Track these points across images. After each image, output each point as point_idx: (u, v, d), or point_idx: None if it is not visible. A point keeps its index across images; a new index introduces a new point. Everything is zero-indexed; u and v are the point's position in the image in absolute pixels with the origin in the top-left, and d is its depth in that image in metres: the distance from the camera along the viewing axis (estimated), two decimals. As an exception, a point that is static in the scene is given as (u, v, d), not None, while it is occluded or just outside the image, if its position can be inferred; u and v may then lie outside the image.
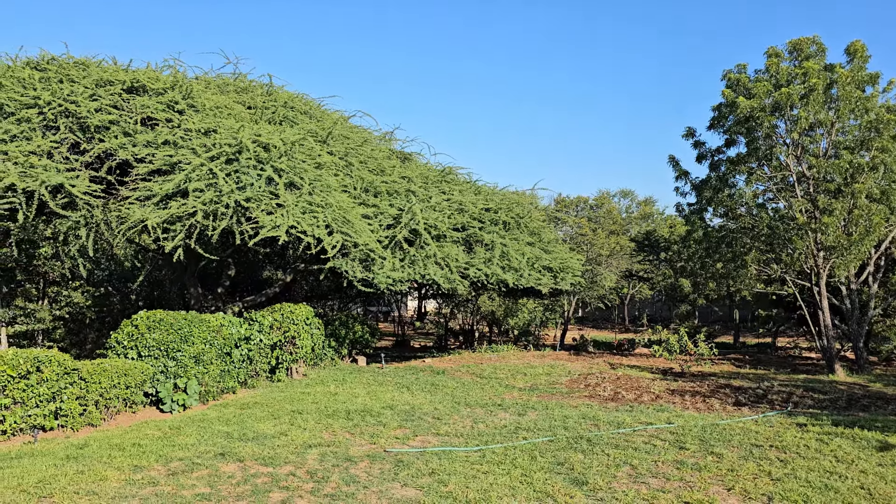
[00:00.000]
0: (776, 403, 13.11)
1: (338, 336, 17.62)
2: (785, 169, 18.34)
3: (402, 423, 10.61)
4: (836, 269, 18.02)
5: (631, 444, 9.34)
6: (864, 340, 19.75)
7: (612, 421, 10.89)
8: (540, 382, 15.73)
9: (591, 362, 20.06)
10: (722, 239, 19.60)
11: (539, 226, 20.64)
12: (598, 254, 30.09)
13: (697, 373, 17.84)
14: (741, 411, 12.22)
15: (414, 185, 18.12)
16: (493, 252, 17.44)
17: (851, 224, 17.05)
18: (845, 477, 7.89)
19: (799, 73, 17.40)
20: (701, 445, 9.31)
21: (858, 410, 12.56)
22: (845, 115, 17.28)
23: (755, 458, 8.71)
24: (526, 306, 27.54)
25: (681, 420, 11.05)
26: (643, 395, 13.78)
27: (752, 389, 14.67)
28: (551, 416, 11.23)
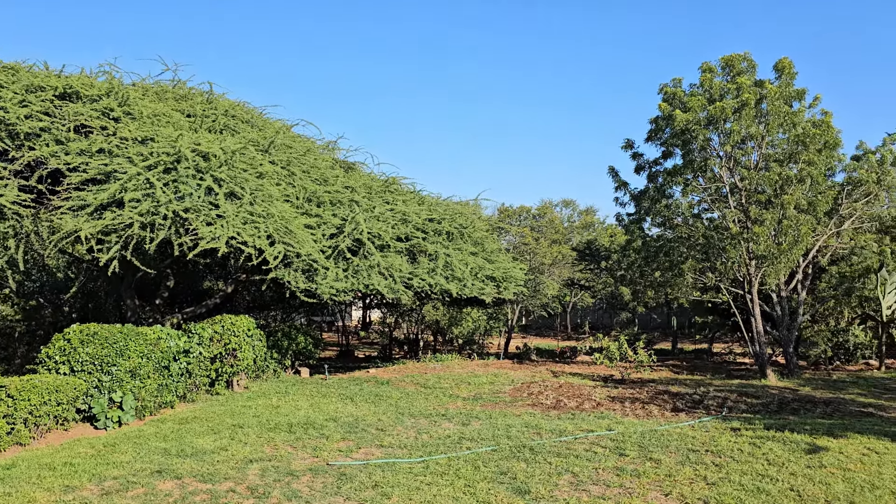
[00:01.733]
0: (712, 408, 13.49)
1: (280, 347, 17.38)
2: (719, 180, 18.95)
3: (346, 435, 10.53)
4: (767, 277, 18.68)
5: (572, 451, 9.48)
6: (793, 345, 20.51)
7: (555, 429, 11.03)
8: (484, 391, 15.82)
9: (534, 370, 20.27)
10: (660, 248, 20.10)
11: (482, 236, 20.79)
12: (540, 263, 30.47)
13: (637, 379, 18.23)
14: (679, 417, 12.53)
15: (358, 194, 18.05)
16: (436, 262, 17.49)
17: (781, 234, 17.71)
18: (776, 479, 8.18)
19: (732, 88, 18.03)
20: (640, 452, 9.51)
21: (789, 414, 13.04)
22: (774, 129, 17.98)
23: (692, 462, 8.95)
24: (470, 315, 27.68)
25: (621, 427, 11.27)
26: (585, 403, 14.00)
27: (690, 395, 15.07)
28: (495, 425, 11.32)
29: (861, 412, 13.24)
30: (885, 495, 7.69)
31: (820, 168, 17.77)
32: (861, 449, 9.71)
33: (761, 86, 17.78)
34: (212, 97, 18.43)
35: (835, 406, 13.90)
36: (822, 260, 21.64)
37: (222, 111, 17.62)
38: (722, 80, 18.56)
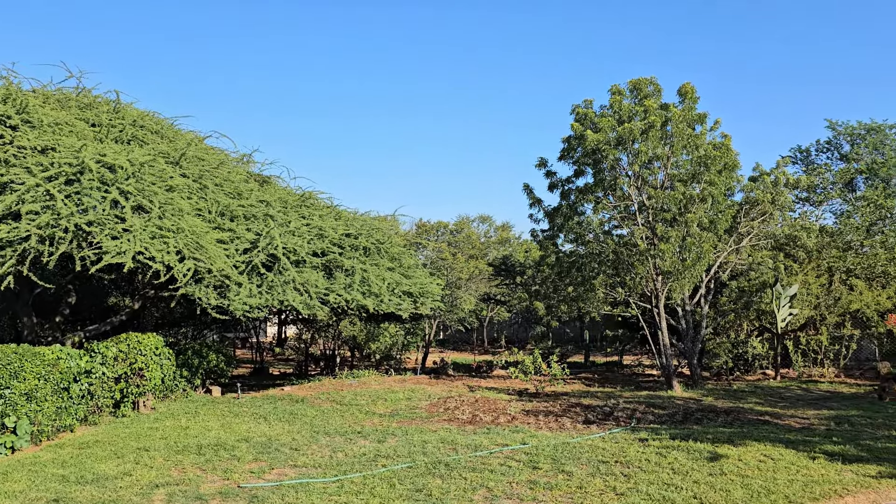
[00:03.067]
0: (621, 420, 13.91)
1: (191, 366, 16.82)
2: (628, 199, 19.66)
3: (258, 455, 10.28)
4: (672, 292, 19.48)
5: (487, 466, 9.58)
6: (698, 357, 21.43)
7: (470, 444, 11.12)
8: (401, 407, 15.78)
9: (451, 385, 20.38)
10: (573, 264, 20.64)
11: (400, 251, 20.82)
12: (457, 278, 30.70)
13: (551, 393, 18.59)
14: (590, 429, 12.86)
15: (273, 209, 17.76)
16: (353, 278, 17.38)
17: (685, 250, 18.52)
18: (681, 488, 8.50)
19: (639, 111, 18.79)
20: (553, 464, 9.70)
21: (693, 424, 13.59)
22: (679, 151, 18.84)
23: (602, 474, 9.20)
24: (388, 330, 27.58)
25: (535, 440, 11.47)
26: (500, 417, 14.17)
27: (601, 407, 15.49)
28: (411, 441, 11.30)
29: (759, 420, 13.95)
30: (779, 499, 8.12)
31: (720, 188, 18.72)
32: (758, 456, 10.22)
33: (667, 109, 18.62)
34: (119, 106, 17.77)
35: (735, 415, 14.59)
36: (723, 275, 22.72)
37: (130, 121, 17.03)
38: (630, 102, 19.32)
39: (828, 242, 24.17)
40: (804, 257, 23.49)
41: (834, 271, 23.84)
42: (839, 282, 23.68)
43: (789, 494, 8.29)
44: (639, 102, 19.05)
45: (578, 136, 19.02)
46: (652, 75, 19.41)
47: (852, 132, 38.58)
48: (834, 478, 9.04)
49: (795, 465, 9.70)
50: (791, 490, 8.46)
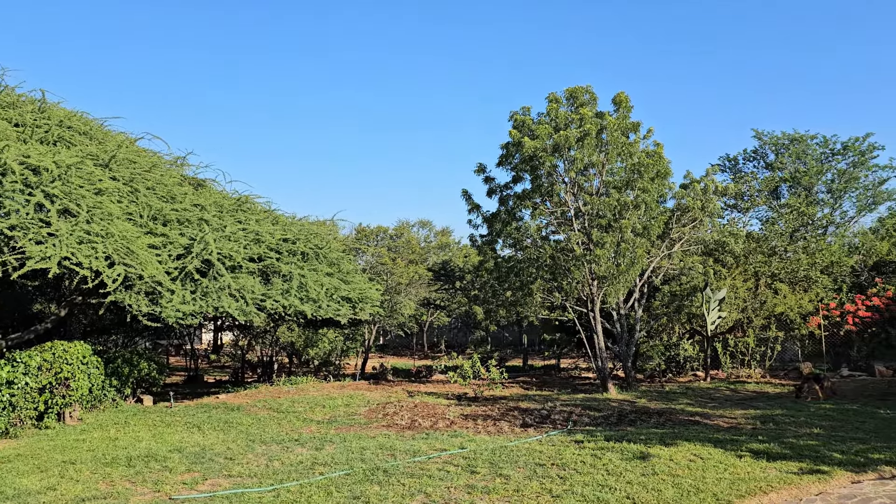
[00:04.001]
0: (558, 423, 14.12)
1: (120, 375, 16.29)
2: (565, 205, 20.01)
3: (191, 465, 10.03)
4: (608, 297, 19.91)
5: (426, 471, 9.58)
6: (632, 360, 21.95)
7: (409, 450, 11.10)
8: (339, 414, 15.65)
9: (391, 391, 20.32)
10: (511, 269, 20.87)
11: (339, 256, 20.66)
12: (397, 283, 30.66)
13: (490, 397, 18.74)
14: (528, 432, 13.01)
15: (208, 213, 17.38)
16: (291, 283, 17.16)
17: (620, 256, 18.96)
18: (614, 489, 8.68)
19: (576, 119, 19.16)
20: (491, 468, 9.78)
21: (627, 425, 13.90)
22: (614, 158, 19.30)
23: (538, 476, 9.32)
24: (326, 336, 27.33)
25: (473, 444, 11.53)
26: (439, 422, 14.20)
27: (538, 411, 15.69)
28: (349, 448, 11.22)
29: (689, 421, 14.36)
30: (707, 497, 8.38)
31: (653, 195, 19.25)
32: (689, 455, 10.52)
33: (602, 117, 19.05)
34: (45, 105, 17.12)
35: (667, 416, 14.99)
36: (656, 280, 23.34)
37: (56, 121, 16.42)
38: (567, 110, 19.69)
39: (754, 248, 25.12)
40: (732, 262, 24.35)
41: (760, 276, 24.78)
42: (765, 286, 24.63)
43: (717, 492, 8.56)
44: (575, 110, 19.43)
45: (516, 142, 19.27)
46: (588, 84, 19.85)
47: (777, 142, 40.21)
48: (759, 475, 9.38)
49: (723, 463, 10.02)
50: (719, 488, 8.74)
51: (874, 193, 38.94)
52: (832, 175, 38.97)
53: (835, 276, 27.07)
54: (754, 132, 41.77)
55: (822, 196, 38.87)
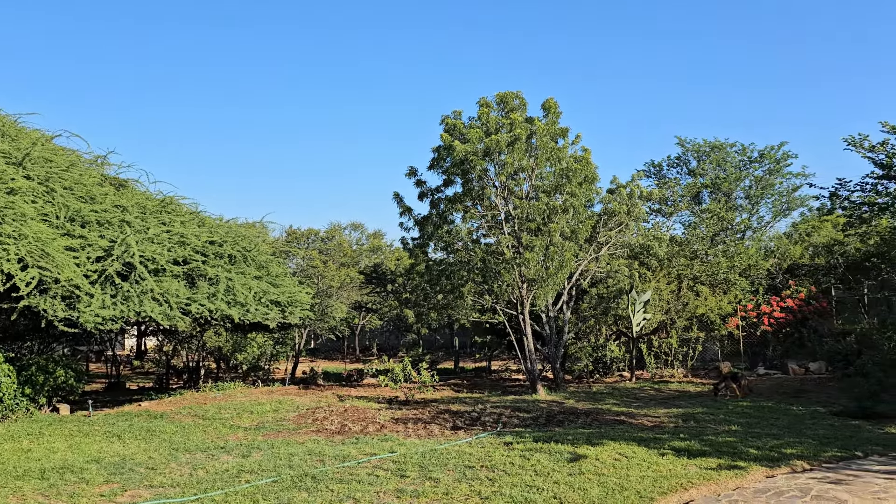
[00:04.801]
0: (488, 425, 14.24)
1: (34, 383, 15.56)
2: (495, 208, 20.21)
3: (110, 477, 9.66)
4: (537, 299, 20.21)
5: (355, 476, 9.50)
6: (560, 361, 22.34)
7: (338, 455, 11.00)
8: (267, 420, 15.36)
9: (321, 395, 20.08)
10: (442, 272, 20.94)
11: (268, 259, 20.29)
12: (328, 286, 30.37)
13: (421, 400, 18.74)
14: (458, 435, 13.07)
15: (130, 214, 16.81)
16: (217, 287, 16.75)
17: (549, 259, 19.29)
18: (542, 489, 8.81)
19: (506, 123, 19.39)
20: (420, 472, 9.78)
21: (555, 426, 14.14)
22: (543, 163, 19.62)
23: (468, 479, 9.37)
24: (255, 340, 26.78)
25: (403, 448, 11.51)
26: (369, 426, 14.12)
27: (468, 413, 15.78)
28: (277, 455, 11.03)
29: (615, 420, 14.71)
30: (631, 495, 8.60)
31: (581, 199, 19.66)
32: (614, 455, 10.78)
33: (531, 122, 19.34)
34: (-48, 100, 16.21)
35: (594, 416, 15.31)
36: (583, 282, 23.83)
37: (-36, 117, 15.57)
38: (497, 114, 19.91)
39: (677, 251, 25.97)
40: (656, 265, 25.10)
41: (682, 278, 25.63)
42: (687, 288, 25.48)
43: (640, 490, 8.80)
44: (505, 115, 19.67)
45: (447, 146, 19.36)
46: (518, 90, 20.12)
47: (699, 149, 41.67)
48: (680, 472, 9.69)
49: (647, 461, 10.31)
50: (642, 486, 8.98)
51: (788, 200, 40.81)
52: (750, 182, 40.65)
53: (752, 278, 28.24)
54: (678, 139, 43.23)
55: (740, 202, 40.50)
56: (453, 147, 18.95)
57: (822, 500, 8.34)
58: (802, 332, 26.33)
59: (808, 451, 11.21)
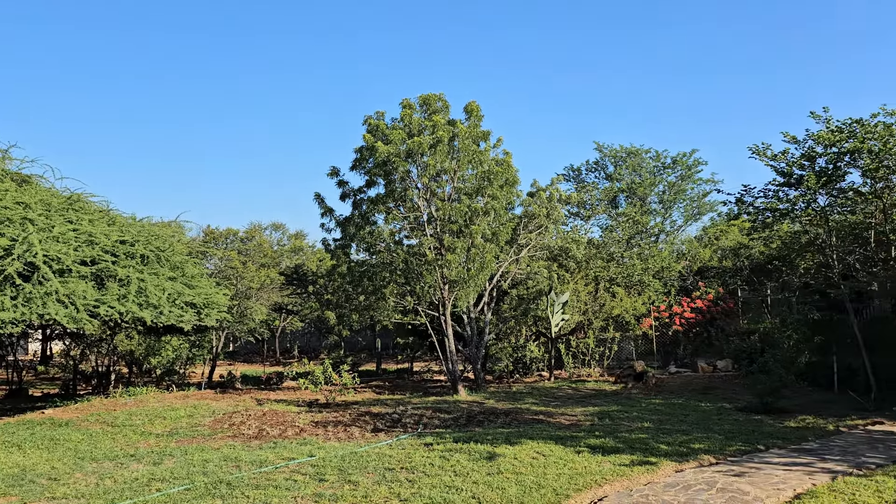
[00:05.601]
0: (409, 426, 14.25)
1: (-76, 391, 14.57)
2: (417, 210, 20.25)
3: (8, 489, 9.16)
4: (458, 300, 20.36)
5: (272, 482, 9.33)
6: (482, 362, 22.58)
7: (255, 460, 10.77)
8: (181, 426, 14.90)
9: (238, 399, 19.62)
10: (364, 273, 20.82)
11: (183, 259, 19.63)
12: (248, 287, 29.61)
13: (342, 402, 18.57)
14: (378, 437, 13.02)
15: (33, 212, 15.95)
16: (129, 288, 16.10)
17: (470, 260, 19.47)
18: (461, 489, 8.88)
19: (429, 125, 19.47)
20: (340, 475, 9.69)
21: (475, 426, 14.27)
22: (465, 165, 19.79)
23: (387, 481, 9.35)
24: (170, 344, 25.89)
25: (322, 452, 11.38)
26: (288, 430, 13.89)
27: (390, 415, 15.74)
28: (190, 461, 10.71)
29: (534, 419, 14.98)
30: (548, 493, 8.77)
31: (502, 202, 19.94)
32: (532, 453, 10.98)
33: (454, 125, 19.49)
34: None
35: (513, 416, 15.55)
36: (504, 284, 24.16)
37: None
38: (420, 116, 19.97)
39: (594, 254, 26.68)
40: (574, 267, 25.71)
41: (599, 280, 26.35)
42: (604, 289, 26.21)
43: (557, 487, 8.99)
44: (428, 117, 19.74)
45: (370, 147, 19.27)
46: (440, 92, 20.24)
47: (615, 154, 42.95)
48: (595, 469, 9.96)
49: (563, 459, 10.55)
50: (559, 483, 9.18)
51: (699, 204, 42.56)
52: (663, 187, 42.18)
53: (665, 280, 29.31)
54: (596, 145, 44.43)
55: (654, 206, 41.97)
56: (376, 148, 18.88)
57: (727, 493, 8.73)
58: (711, 331, 27.50)
59: (715, 445, 11.72)
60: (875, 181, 16.68)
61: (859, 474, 9.64)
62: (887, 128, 15.79)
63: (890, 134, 15.65)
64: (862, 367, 16.97)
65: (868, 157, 15.98)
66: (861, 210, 18.13)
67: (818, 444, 12.04)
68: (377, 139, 19.32)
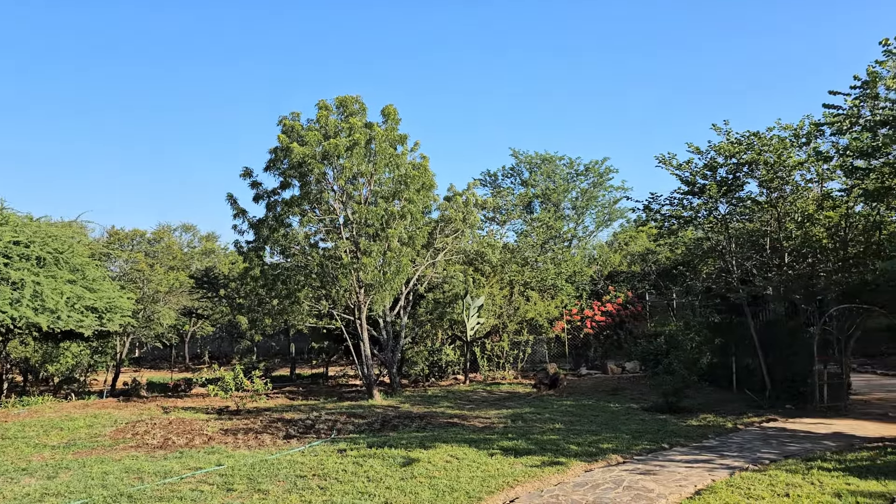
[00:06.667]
0: (322, 432, 14.04)
1: None
2: (333, 212, 20.02)
3: None
4: (374, 304, 20.23)
5: (177, 493, 9.00)
6: (397, 366, 22.50)
7: (159, 471, 10.36)
8: (80, 436, 14.16)
9: (143, 407, 18.84)
10: (278, 276, 20.41)
11: (84, 262, 18.74)
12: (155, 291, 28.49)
13: (253, 409, 18.12)
14: (290, 444, 12.77)
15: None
16: (23, 291, 15.24)
17: (386, 264, 19.38)
18: (374, 495, 8.81)
19: (345, 128, 19.27)
20: (249, 484, 9.44)
21: (390, 430, 14.20)
22: (382, 169, 19.70)
23: (299, 489, 9.17)
24: (70, 350, 24.62)
25: (231, 460, 11.07)
26: (195, 439, 13.43)
27: (303, 421, 15.47)
28: (88, 474, 10.19)
29: (448, 423, 15.05)
30: (461, 496, 8.82)
31: (419, 206, 19.95)
32: (445, 457, 11.01)
33: (371, 128, 19.37)
34: None
35: (428, 419, 15.56)
36: (420, 288, 24.18)
37: None
38: (337, 118, 19.75)
39: (509, 258, 27.07)
40: (490, 271, 26.01)
41: (514, 284, 26.76)
42: (518, 293, 26.63)
43: (470, 490, 9.05)
44: (345, 119, 19.56)
45: (285, 148, 18.92)
46: (357, 94, 20.07)
47: (531, 161, 43.77)
48: (507, 471, 10.08)
49: (477, 462, 10.63)
50: (471, 486, 9.25)
51: (610, 211, 43.89)
52: (576, 193, 43.27)
53: (577, 284, 30.06)
54: (512, 151, 45.14)
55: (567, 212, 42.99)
56: (291, 149, 18.55)
57: (633, 490, 9.01)
58: (620, 334, 28.39)
59: (623, 445, 12.09)
60: (770, 191, 17.64)
61: (755, 469, 10.15)
62: (781, 141, 16.74)
63: (784, 147, 16.60)
64: (758, 367, 17.89)
65: (764, 169, 16.89)
66: (758, 218, 19.13)
67: (718, 441, 12.61)
68: (292, 140, 18.98)
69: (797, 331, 17.84)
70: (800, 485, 9.06)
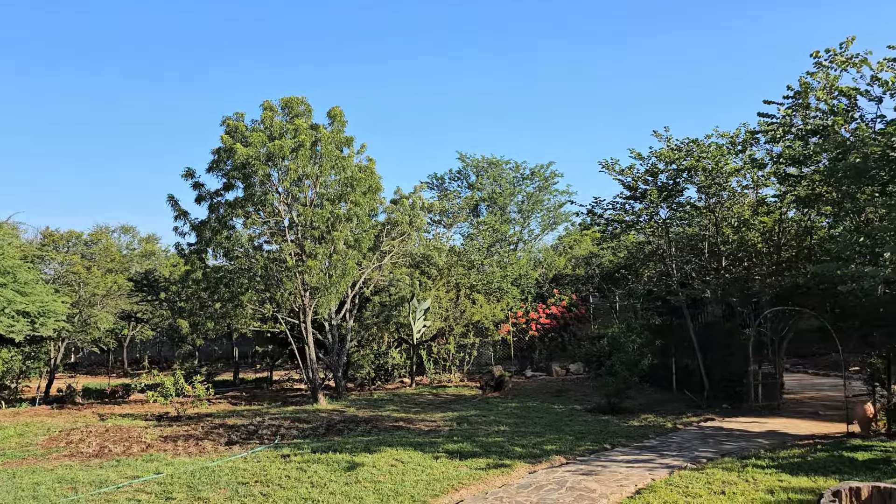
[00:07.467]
0: (266, 438, 13.83)
1: None
2: (278, 215, 19.76)
3: None
4: (320, 307, 20.04)
5: (113, 503, 8.74)
6: (343, 370, 22.32)
7: (94, 480, 10.05)
8: (9, 446, 13.63)
9: (78, 415, 18.24)
10: (221, 279, 20.03)
11: (15, 264, 18.05)
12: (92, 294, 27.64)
13: (194, 415, 17.73)
14: (233, 450, 12.55)
15: None
16: (-51, 295, 14.59)
17: (332, 267, 19.21)
18: (318, 501, 8.73)
19: (290, 129, 19.05)
20: (189, 492, 9.24)
21: (335, 435, 14.09)
22: (328, 171, 19.54)
23: (240, 496, 9.02)
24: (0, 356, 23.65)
25: (170, 468, 10.81)
26: (133, 446, 13.07)
27: (245, 426, 15.21)
28: (18, 485, 9.82)
29: (394, 426, 15.01)
30: (405, 500, 8.81)
31: (365, 208, 19.85)
32: (391, 461, 10.99)
33: (317, 129, 19.20)
34: None
35: (374, 423, 15.50)
36: (366, 291, 24.06)
37: None
38: (282, 119, 19.51)
39: (456, 261, 27.17)
40: (436, 274, 26.06)
41: (460, 287, 26.86)
42: (465, 296, 26.74)
43: (414, 494, 9.05)
44: (290, 120, 19.34)
45: (228, 148, 18.59)
46: (303, 95, 19.86)
47: (478, 164, 44.03)
48: (452, 474, 10.11)
49: (422, 465, 10.64)
50: (416, 490, 9.25)
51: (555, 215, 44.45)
52: (522, 197, 43.70)
53: (523, 287, 30.34)
54: (459, 154, 45.31)
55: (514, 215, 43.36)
56: (234, 150, 18.24)
57: (575, 491, 9.14)
58: (565, 336, 28.78)
59: (566, 446, 12.26)
60: (709, 197, 18.16)
61: (693, 468, 10.42)
62: (719, 148, 17.26)
63: (721, 154, 17.12)
64: (697, 368, 18.38)
65: (703, 175, 17.38)
66: (697, 223, 19.67)
67: (658, 441, 12.90)
68: (236, 141, 18.67)
69: (734, 332, 18.39)
70: (735, 482, 9.34)
